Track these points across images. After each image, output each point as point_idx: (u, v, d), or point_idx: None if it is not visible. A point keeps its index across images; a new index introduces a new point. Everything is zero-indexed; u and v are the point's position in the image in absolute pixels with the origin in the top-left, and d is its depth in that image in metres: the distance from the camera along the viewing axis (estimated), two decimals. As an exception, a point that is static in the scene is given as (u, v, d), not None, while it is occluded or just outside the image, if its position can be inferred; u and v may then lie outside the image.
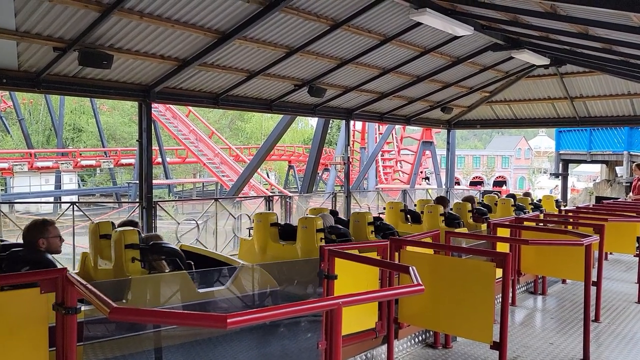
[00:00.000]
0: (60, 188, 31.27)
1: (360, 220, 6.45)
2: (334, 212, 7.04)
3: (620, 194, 19.36)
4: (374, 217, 6.68)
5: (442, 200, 8.25)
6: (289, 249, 6.05)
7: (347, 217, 7.54)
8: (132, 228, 4.36)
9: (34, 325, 2.55)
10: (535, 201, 10.90)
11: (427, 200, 8.80)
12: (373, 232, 6.36)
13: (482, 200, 10.29)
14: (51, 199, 28.02)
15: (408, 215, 8.46)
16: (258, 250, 6.41)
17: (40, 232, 3.88)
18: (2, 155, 30.89)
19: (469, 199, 8.87)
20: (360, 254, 3.81)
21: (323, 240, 5.78)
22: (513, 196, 10.30)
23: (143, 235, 4.47)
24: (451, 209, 8.40)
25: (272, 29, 7.52)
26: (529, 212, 9.27)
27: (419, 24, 8.11)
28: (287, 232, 6.35)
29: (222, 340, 3.99)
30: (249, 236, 6.84)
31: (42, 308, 2.55)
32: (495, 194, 11.57)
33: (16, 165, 28.51)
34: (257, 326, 3.42)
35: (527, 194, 11.25)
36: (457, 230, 7.45)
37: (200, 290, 4.27)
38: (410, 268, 2.83)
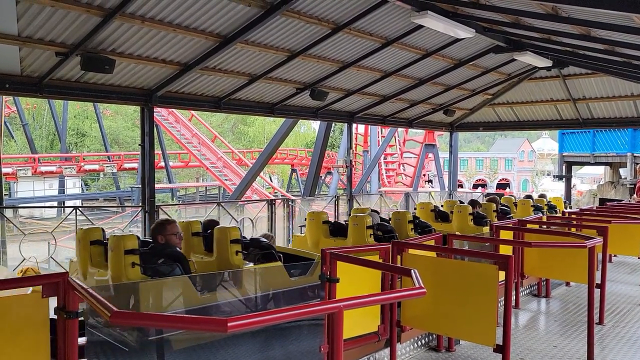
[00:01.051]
0: (63, 192, 31.32)
1: (401, 219, 6.98)
2: (374, 211, 7.47)
3: (624, 196, 19.30)
4: (413, 216, 7.25)
5: (474, 202, 8.85)
6: (341, 244, 6.51)
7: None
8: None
9: (35, 329, 2.54)
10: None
11: (428, 204, 9.14)
12: (413, 230, 6.88)
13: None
14: (55, 204, 28.08)
15: (438, 215, 8.93)
16: (311, 246, 6.83)
17: (159, 230, 4.45)
18: (6, 160, 30.98)
19: (494, 200, 9.34)
20: (362, 257, 3.80)
21: (372, 237, 6.22)
22: (530, 197, 10.83)
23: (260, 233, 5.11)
24: (480, 208, 8.83)
25: (274, 32, 7.53)
26: (545, 212, 9.81)
27: (420, 26, 8.13)
28: (336, 229, 6.93)
29: (225, 343, 3.98)
30: (301, 233, 7.50)
31: (44, 312, 2.55)
32: (494, 196, 11.77)
33: (20, 170, 28.61)
34: (261, 329, 3.42)
35: (542, 196, 11.69)
36: (484, 229, 7.93)
37: (293, 279, 4.75)
38: (412, 271, 2.82)
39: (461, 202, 9.35)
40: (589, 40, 7.11)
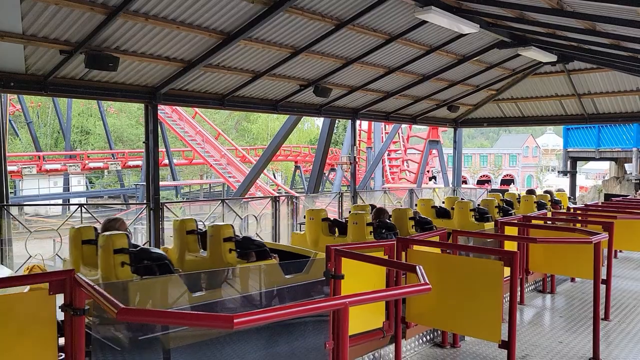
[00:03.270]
0: (68, 190, 31.43)
1: (402, 216, 6.86)
2: (372, 206, 7.40)
3: (629, 191, 19.21)
4: (414, 212, 7.13)
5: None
6: (341, 241, 6.46)
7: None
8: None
9: (42, 325, 2.56)
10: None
11: (428, 200, 9.11)
12: (414, 227, 6.77)
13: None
14: (60, 201, 28.19)
15: (438, 212, 8.82)
16: (310, 243, 6.76)
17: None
18: (11, 158, 31.13)
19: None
20: (367, 254, 3.80)
21: (372, 234, 6.16)
22: (532, 191, 10.71)
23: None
24: (479, 205, 8.79)
25: (277, 29, 7.52)
26: (549, 208, 9.67)
27: (424, 22, 8.09)
28: (336, 227, 6.87)
29: (231, 340, 3.99)
30: (300, 231, 7.39)
31: (51, 309, 2.56)
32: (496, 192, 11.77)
33: (25, 168, 28.73)
34: (265, 326, 3.42)
35: (548, 192, 11.60)
36: (486, 225, 7.87)
37: (288, 277, 4.70)
38: (417, 267, 2.82)
39: (462, 199, 9.33)
40: (594, 35, 7.07)
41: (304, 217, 7.28)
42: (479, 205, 8.75)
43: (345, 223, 6.62)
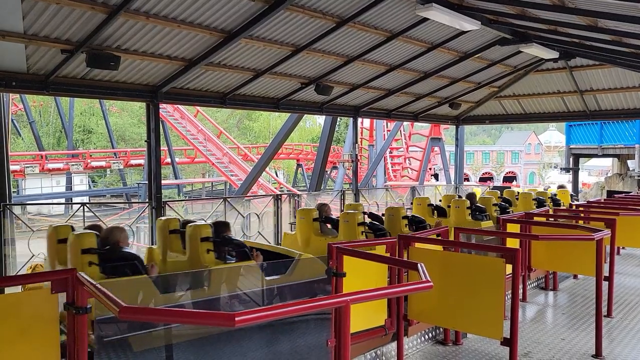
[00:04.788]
0: (71, 189, 31.50)
1: (395, 215, 6.79)
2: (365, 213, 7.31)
3: (632, 188, 19.16)
4: (407, 211, 7.15)
5: (471, 196, 8.68)
6: (332, 241, 6.24)
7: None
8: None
9: (45, 324, 2.57)
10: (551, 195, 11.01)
11: (424, 199, 9.06)
12: (407, 226, 6.67)
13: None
14: (62, 200, 28.25)
15: (435, 210, 8.72)
16: (301, 244, 6.72)
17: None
18: (13, 157, 31.20)
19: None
20: (369, 252, 3.81)
21: (364, 234, 6.11)
22: (563, 186, 11.03)
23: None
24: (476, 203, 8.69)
25: (278, 27, 7.52)
26: (549, 207, 9.55)
27: (425, 19, 8.08)
28: (328, 226, 6.79)
29: (232, 337, 4.00)
30: (291, 231, 7.34)
31: (53, 308, 2.57)
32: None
33: (28, 167, 28.80)
34: (267, 323, 3.43)
35: (561, 187, 11.57)
36: (483, 223, 7.68)
37: (268, 278, 4.64)
38: (418, 265, 2.82)
39: (459, 196, 9.27)
40: (596, 31, 7.05)
41: (295, 217, 7.24)
42: (475, 203, 8.69)
43: (338, 222, 6.56)
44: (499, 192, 10.49)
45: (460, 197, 8.94)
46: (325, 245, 6.44)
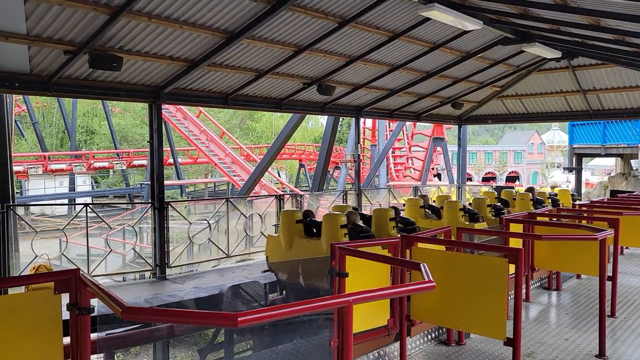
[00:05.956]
0: (74, 190, 31.57)
1: (382, 216, 6.73)
2: (354, 209, 7.29)
3: (635, 188, 19.11)
4: (395, 212, 6.97)
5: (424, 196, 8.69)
6: (315, 244, 6.37)
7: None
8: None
9: (48, 324, 2.57)
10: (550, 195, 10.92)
11: (416, 200, 8.98)
12: (395, 228, 6.64)
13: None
14: (65, 201, 28.31)
15: (427, 211, 8.59)
16: (284, 246, 6.71)
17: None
18: (17, 158, 31.27)
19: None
20: (371, 252, 3.80)
21: (347, 236, 6.12)
22: (532, 189, 10.52)
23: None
24: (470, 204, 8.55)
25: (280, 27, 7.52)
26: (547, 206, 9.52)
27: (427, 19, 8.06)
28: (312, 229, 6.75)
29: (235, 337, 4.01)
30: (275, 233, 7.32)
31: (56, 308, 2.57)
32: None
33: (31, 168, 28.88)
34: (269, 323, 3.43)
35: (554, 186, 11.43)
36: (476, 225, 7.62)
37: None
38: (421, 265, 2.82)
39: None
40: (598, 31, 7.02)
41: (278, 219, 7.22)
42: (468, 205, 8.58)
43: (320, 224, 6.51)
44: (496, 192, 10.39)
45: (452, 199, 8.78)
46: (308, 248, 6.65)
